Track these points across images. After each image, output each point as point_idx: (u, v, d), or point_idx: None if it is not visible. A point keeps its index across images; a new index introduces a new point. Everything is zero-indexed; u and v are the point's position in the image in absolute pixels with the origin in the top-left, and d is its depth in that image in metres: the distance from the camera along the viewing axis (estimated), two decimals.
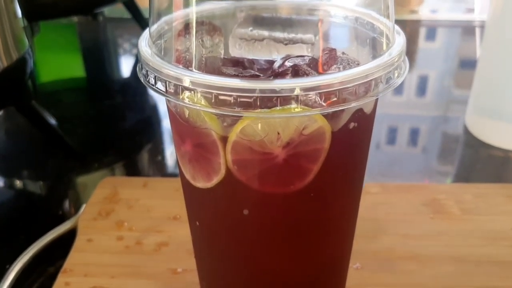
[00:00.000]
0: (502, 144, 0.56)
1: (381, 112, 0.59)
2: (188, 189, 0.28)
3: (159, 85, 0.23)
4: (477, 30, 0.89)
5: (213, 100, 0.22)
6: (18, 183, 0.55)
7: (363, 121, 0.25)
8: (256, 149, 0.24)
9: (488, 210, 0.45)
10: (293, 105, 0.22)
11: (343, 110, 0.24)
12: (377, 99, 0.26)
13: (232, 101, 0.21)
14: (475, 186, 0.48)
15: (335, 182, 0.26)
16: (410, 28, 0.93)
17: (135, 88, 0.78)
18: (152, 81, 0.24)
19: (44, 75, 0.87)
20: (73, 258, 0.41)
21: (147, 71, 0.24)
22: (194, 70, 0.24)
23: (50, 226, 0.44)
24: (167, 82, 0.23)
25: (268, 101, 0.21)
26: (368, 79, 0.22)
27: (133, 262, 0.40)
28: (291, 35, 0.30)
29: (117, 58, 0.93)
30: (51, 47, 0.93)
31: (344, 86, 0.21)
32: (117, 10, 0.96)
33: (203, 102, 0.22)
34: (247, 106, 0.22)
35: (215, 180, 0.25)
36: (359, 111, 0.24)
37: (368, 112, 0.25)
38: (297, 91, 0.21)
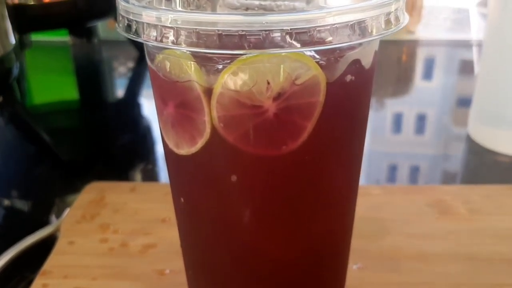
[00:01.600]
0: (506, 151, 0.54)
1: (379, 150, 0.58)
2: (172, 160, 0.26)
3: (139, 32, 0.21)
4: (474, 49, 0.89)
5: (194, 39, 0.20)
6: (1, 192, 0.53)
7: (361, 75, 0.23)
8: (244, 102, 0.21)
9: (496, 210, 0.43)
10: (284, 45, 0.20)
11: (338, 59, 0.22)
12: (376, 55, 0.24)
13: (215, 39, 0.19)
14: (481, 188, 0.46)
15: (332, 144, 0.24)
16: (408, 49, 0.93)
17: (129, 111, 0.76)
18: (130, 28, 0.22)
19: (37, 97, 0.86)
20: (53, 260, 0.38)
21: (124, 17, 0.22)
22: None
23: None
24: (144, 25, 0.21)
25: (255, 39, 0.19)
26: (365, 17, 0.20)
27: (117, 264, 0.37)
28: (283, 2, 0.28)
29: (112, 81, 0.92)
30: (45, 69, 0.92)
31: (339, 22, 0.19)
32: (113, 33, 0.96)
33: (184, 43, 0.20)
34: (233, 46, 0.20)
35: (200, 143, 0.23)
36: (356, 62, 0.22)
37: (367, 66, 0.23)
38: (286, 27, 0.19)
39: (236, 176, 0.23)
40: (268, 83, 0.21)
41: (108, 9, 0.70)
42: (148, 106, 0.74)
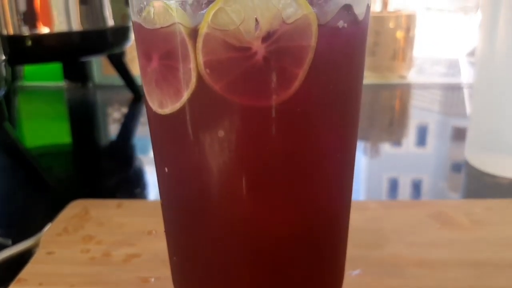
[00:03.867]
0: (504, 174, 0.53)
1: None
2: (155, 124, 0.24)
3: None
4: (465, 91, 0.90)
5: None
6: None
7: (354, 25, 0.22)
8: (231, 43, 0.20)
9: (500, 220, 0.41)
10: None
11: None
12: (369, 9, 0.23)
13: None
14: (483, 201, 0.44)
15: (325, 96, 0.22)
16: (401, 92, 0.94)
17: (121, 153, 0.75)
18: None
19: (29, 141, 0.85)
20: (29, 269, 0.35)
21: None
22: None
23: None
24: None
25: None
26: None
27: (98, 272, 0.35)
28: None
29: (106, 125, 0.91)
30: (39, 114, 0.92)
31: None
32: (108, 77, 0.96)
33: None
34: None
35: (185, 95, 0.22)
36: (348, 8, 0.22)
37: (359, 17, 0.22)
38: None
39: (223, 132, 0.22)
40: (257, 21, 0.20)
41: (102, 44, 0.71)
42: (141, 148, 0.73)
